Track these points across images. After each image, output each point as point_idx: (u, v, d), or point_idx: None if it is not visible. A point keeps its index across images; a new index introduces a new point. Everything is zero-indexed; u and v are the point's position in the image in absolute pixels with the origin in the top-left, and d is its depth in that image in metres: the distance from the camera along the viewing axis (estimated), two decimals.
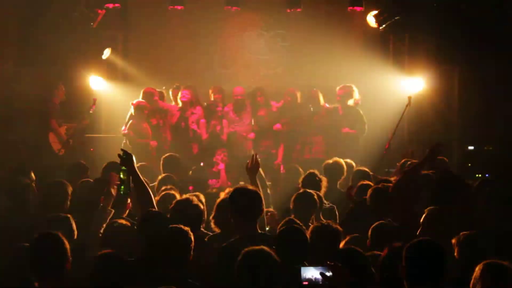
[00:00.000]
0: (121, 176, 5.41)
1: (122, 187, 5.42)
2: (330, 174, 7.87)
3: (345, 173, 7.92)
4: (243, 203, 4.90)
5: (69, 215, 5.42)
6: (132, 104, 10.56)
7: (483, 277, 3.80)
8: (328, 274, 3.40)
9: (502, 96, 11.49)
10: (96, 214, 5.55)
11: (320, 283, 3.43)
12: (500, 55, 11.24)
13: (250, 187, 5.14)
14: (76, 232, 5.29)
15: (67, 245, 4.26)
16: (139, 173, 5.46)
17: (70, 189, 6.52)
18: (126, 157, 5.42)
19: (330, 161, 8.08)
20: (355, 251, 4.14)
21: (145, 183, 5.49)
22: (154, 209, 5.28)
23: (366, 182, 6.94)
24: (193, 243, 4.56)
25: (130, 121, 10.60)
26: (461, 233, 4.55)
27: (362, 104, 10.55)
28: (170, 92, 11.19)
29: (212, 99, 10.96)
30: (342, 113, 10.42)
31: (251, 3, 12.32)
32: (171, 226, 4.71)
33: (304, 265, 3.59)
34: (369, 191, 6.08)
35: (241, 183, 6.99)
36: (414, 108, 10.44)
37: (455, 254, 4.53)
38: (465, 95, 11.95)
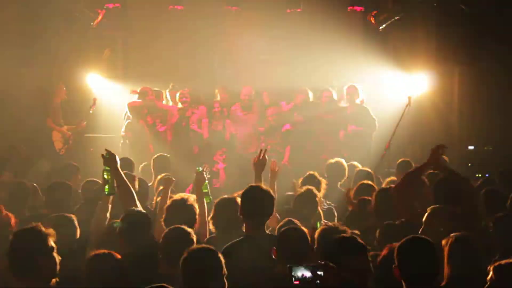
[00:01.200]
0: (105, 176, 5.43)
1: (107, 186, 5.44)
2: (331, 174, 7.88)
3: (346, 174, 7.93)
4: (256, 203, 4.88)
5: (73, 216, 5.40)
6: (128, 104, 10.59)
7: (498, 278, 3.78)
8: (320, 273, 3.38)
9: (502, 96, 11.49)
10: (95, 213, 5.56)
11: (312, 282, 3.41)
12: (500, 55, 11.24)
13: (264, 186, 5.10)
14: (79, 232, 5.27)
15: (49, 242, 3.94)
16: (122, 174, 5.49)
17: (72, 189, 6.54)
18: (109, 157, 5.46)
19: (333, 161, 8.10)
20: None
21: (128, 183, 5.51)
22: (135, 209, 5.27)
23: (366, 182, 6.96)
24: (195, 244, 4.56)
25: (128, 122, 10.62)
26: (450, 235, 4.53)
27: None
28: (167, 93, 11.18)
29: (218, 99, 10.99)
30: (350, 111, 10.46)
31: (251, 3, 12.31)
32: (174, 226, 4.70)
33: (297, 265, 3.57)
34: (374, 193, 6.07)
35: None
36: (414, 108, 10.44)
37: (445, 255, 4.44)
38: (465, 95, 11.95)
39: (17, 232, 4.13)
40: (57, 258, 3.96)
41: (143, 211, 5.29)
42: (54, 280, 3.94)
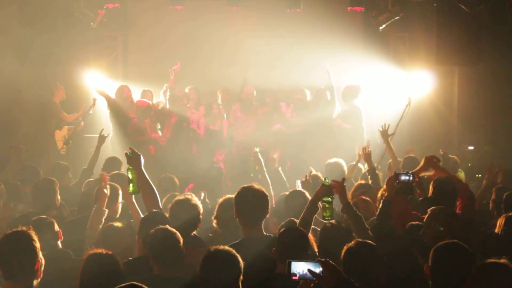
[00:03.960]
0: (129, 175, 5.39)
1: (131, 185, 5.39)
2: (330, 174, 7.85)
3: (345, 174, 7.93)
4: (249, 204, 4.85)
5: (53, 220, 5.30)
6: (137, 103, 10.60)
7: (478, 277, 3.81)
8: (318, 270, 3.38)
9: (501, 96, 11.50)
10: (91, 216, 5.53)
11: (310, 279, 3.41)
12: (500, 55, 11.25)
13: (257, 186, 5.05)
14: (61, 238, 5.18)
15: (37, 245, 3.93)
16: (145, 173, 5.41)
17: (57, 186, 6.43)
18: (133, 157, 5.39)
19: (331, 161, 8.10)
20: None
21: (152, 184, 5.44)
22: (158, 210, 5.25)
23: (362, 182, 6.99)
24: (181, 243, 4.51)
25: (129, 120, 10.61)
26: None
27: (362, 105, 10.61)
28: (161, 94, 11.16)
29: (219, 100, 11.01)
30: (343, 109, 10.48)
31: (251, 3, 12.29)
32: (157, 227, 4.66)
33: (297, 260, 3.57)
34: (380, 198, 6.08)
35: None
36: (414, 108, 10.45)
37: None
38: (465, 95, 11.96)
39: (5, 235, 4.04)
40: (42, 260, 3.95)
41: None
42: (36, 281, 3.92)
